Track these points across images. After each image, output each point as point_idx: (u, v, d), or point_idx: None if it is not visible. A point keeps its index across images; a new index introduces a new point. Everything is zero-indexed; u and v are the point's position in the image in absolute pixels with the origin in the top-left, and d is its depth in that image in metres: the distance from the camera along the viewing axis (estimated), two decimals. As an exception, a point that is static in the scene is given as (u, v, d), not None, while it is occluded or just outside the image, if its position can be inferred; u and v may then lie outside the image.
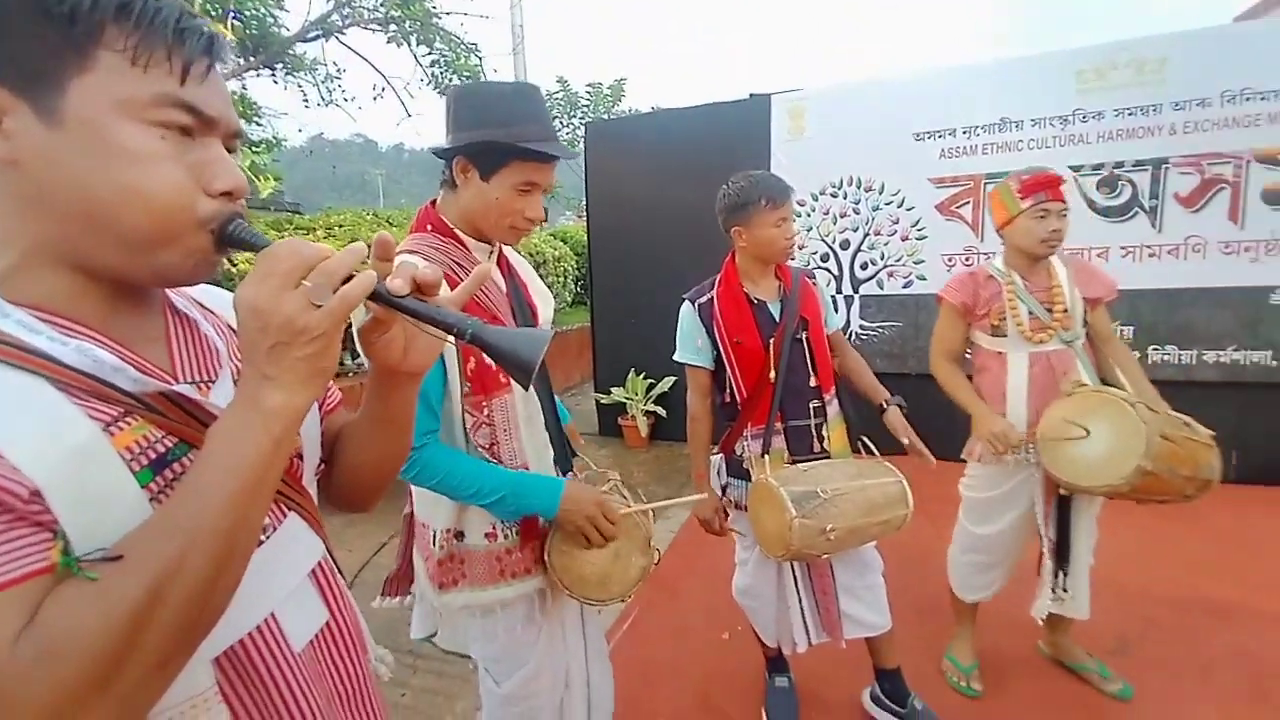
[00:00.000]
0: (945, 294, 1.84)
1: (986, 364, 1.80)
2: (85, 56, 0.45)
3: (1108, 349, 1.77)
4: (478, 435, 1.07)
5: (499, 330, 0.50)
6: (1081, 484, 1.57)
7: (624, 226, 4.59)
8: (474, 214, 1.09)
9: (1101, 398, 1.55)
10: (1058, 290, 1.70)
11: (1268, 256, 3.12)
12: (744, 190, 1.56)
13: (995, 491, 1.80)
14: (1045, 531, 1.75)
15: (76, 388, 0.46)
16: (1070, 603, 1.77)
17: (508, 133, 1.02)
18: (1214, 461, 1.51)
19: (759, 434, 1.61)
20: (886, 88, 3.78)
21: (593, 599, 1.14)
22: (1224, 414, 3.30)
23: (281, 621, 0.57)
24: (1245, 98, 3.08)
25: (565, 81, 9.14)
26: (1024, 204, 1.66)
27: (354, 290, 0.46)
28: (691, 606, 2.39)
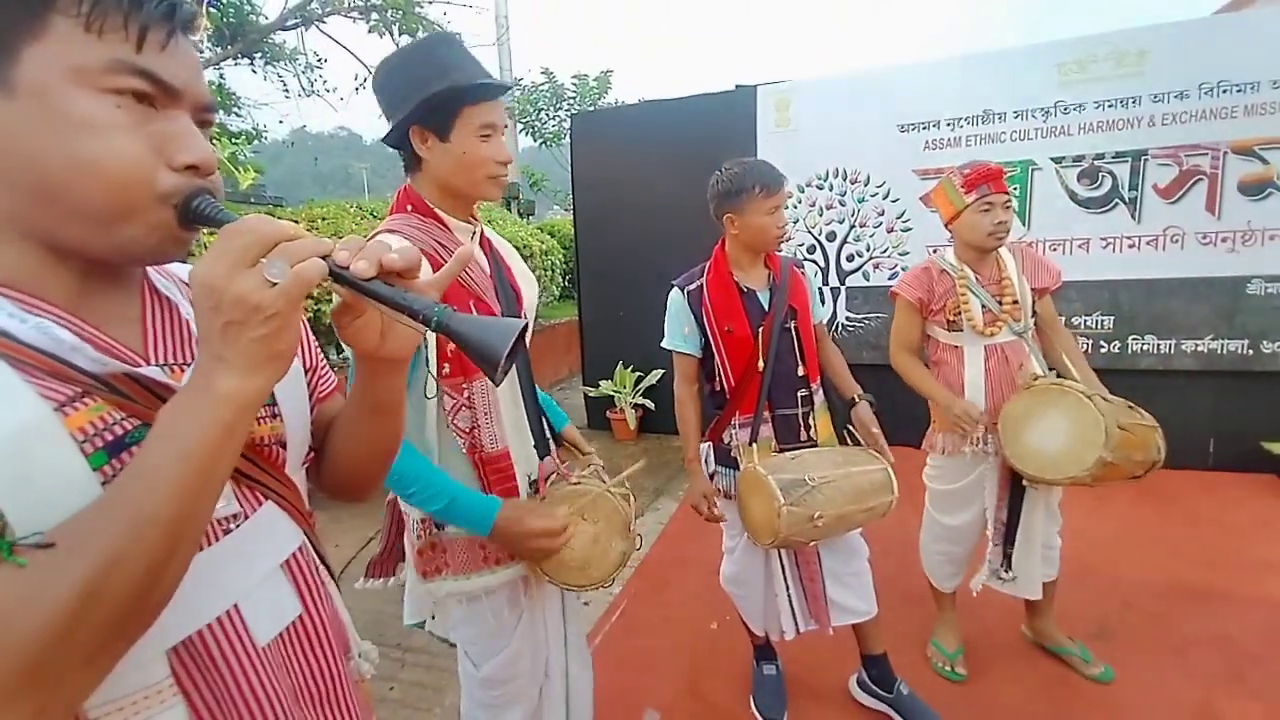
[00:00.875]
0: (900, 290, 1.85)
1: (943, 358, 1.82)
2: (38, 21, 0.43)
3: (1054, 336, 1.81)
4: (457, 419, 1.05)
5: (468, 319, 0.47)
6: (1046, 476, 1.60)
7: (611, 219, 4.57)
8: (447, 179, 1.06)
9: (1060, 390, 1.58)
10: (1007, 282, 1.73)
11: (1244, 247, 3.17)
12: (738, 177, 1.55)
13: (958, 484, 1.83)
14: (995, 514, 1.79)
15: (32, 365, 0.44)
16: (1015, 584, 1.81)
17: (450, 80, 1.00)
18: (1159, 442, 1.57)
19: (747, 422, 1.61)
20: (871, 80, 3.78)
21: (573, 584, 1.13)
22: (1201, 402, 3.39)
23: (245, 614, 0.54)
24: (1223, 90, 3.12)
25: (551, 73, 9.06)
26: (968, 198, 1.68)
27: (310, 270, 0.43)
28: (680, 596, 2.39)
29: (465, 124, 1.03)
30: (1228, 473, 3.28)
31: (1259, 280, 3.16)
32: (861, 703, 1.77)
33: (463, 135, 1.03)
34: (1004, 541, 1.81)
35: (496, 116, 1.05)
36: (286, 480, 0.62)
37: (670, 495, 3.51)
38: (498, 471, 1.10)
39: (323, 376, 0.72)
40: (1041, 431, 1.60)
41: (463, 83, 1.00)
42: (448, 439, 1.06)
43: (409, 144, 1.06)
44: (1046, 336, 1.82)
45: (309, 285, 0.44)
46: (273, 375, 0.46)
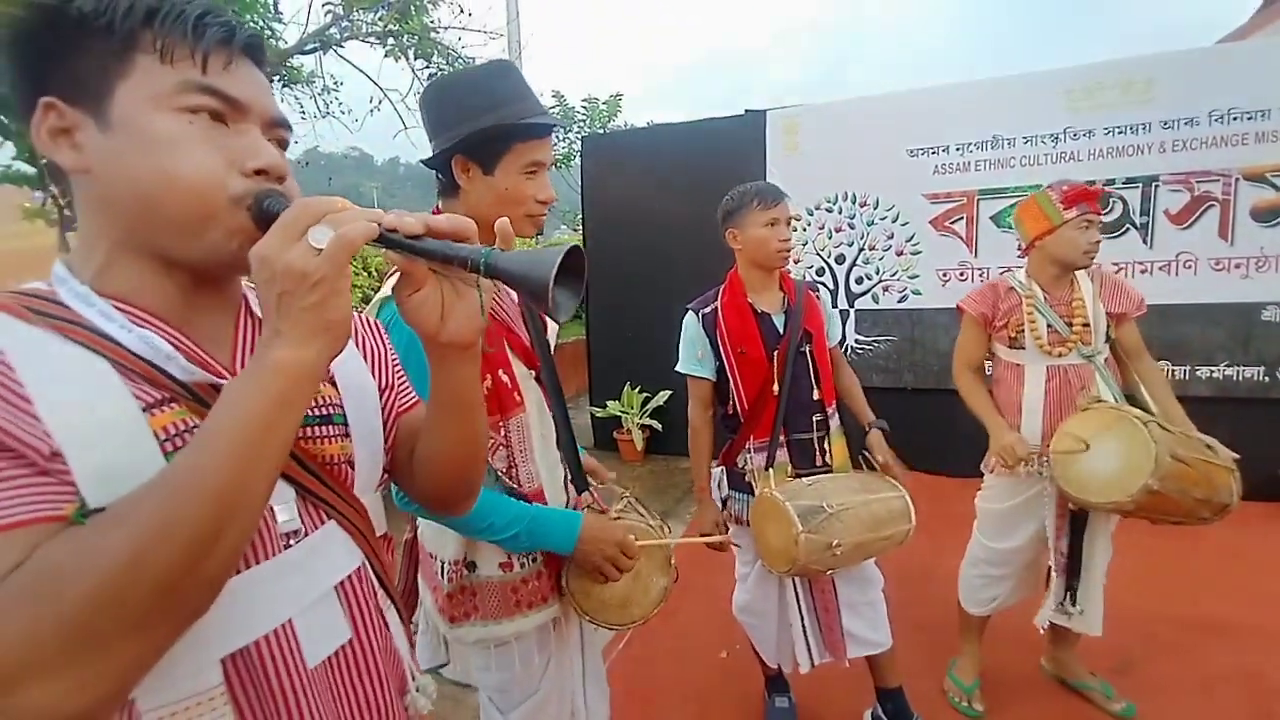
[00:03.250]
0: (965, 305, 1.84)
1: (1003, 375, 1.80)
2: (125, 63, 0.49)
3: (1136, 365, 1.75)
4: (494, 459, 1.03)
5: (514, 255, 0.48)
6: (1089, 499, 1.56)
7: (620, 240, 4.60)
8: (485, 212, 1.02)
9: (1116, 414, 1.54)
10: (1078, 304, 1.69)
11: (1257, 273, 3.15)
12: (738, 195, 1.61)
13: (1010, 503, 1.78)
14: (1055, 544, 1.73)
15: (131, 370, 0.49)
16: (1081, 618, 1.75)
17: (500, 115, 0.97)
18: (1232, 485, 1.51)
19: (762, 447, 1.60)
20: (880, 104, 3.82)
21: (615, 624, 1.11)
22: (1218, 430, 3.28)
23: (299, 632, 0.55)
24: (1233, 117, 3.13)
25: (562, 96, 9.19)
26: (1068, 214, 1.65)
27: (353, 232, 0.45)
28: (690, 625, 2.35)
29: (512, 160, 1.00)
30: (1248, 502, 3.20)
31: (1273, 307, 3.14)
32: (877, 738, 1.72)
33: (508, 171, 1.01)
34: (1067, 573, 1.75)
35: (544, 154, 1.03)
36: (354, 500, 0.62)
37: (678, 519, 3.47)
38: None
39: (403, 392, 0.72)
40: (1094, 454, 1.55)
41: (514, 120, 0.98)
42: (487, 480, 1.05)
43: (449, 170, 1.04)
44: (1128, 365, 1.76)
45: (351, 248, 0.45)
46: (328, 347, 0.47)
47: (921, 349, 3.80)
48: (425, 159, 1.07)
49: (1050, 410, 1.69)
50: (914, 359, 3.83)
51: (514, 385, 1.03)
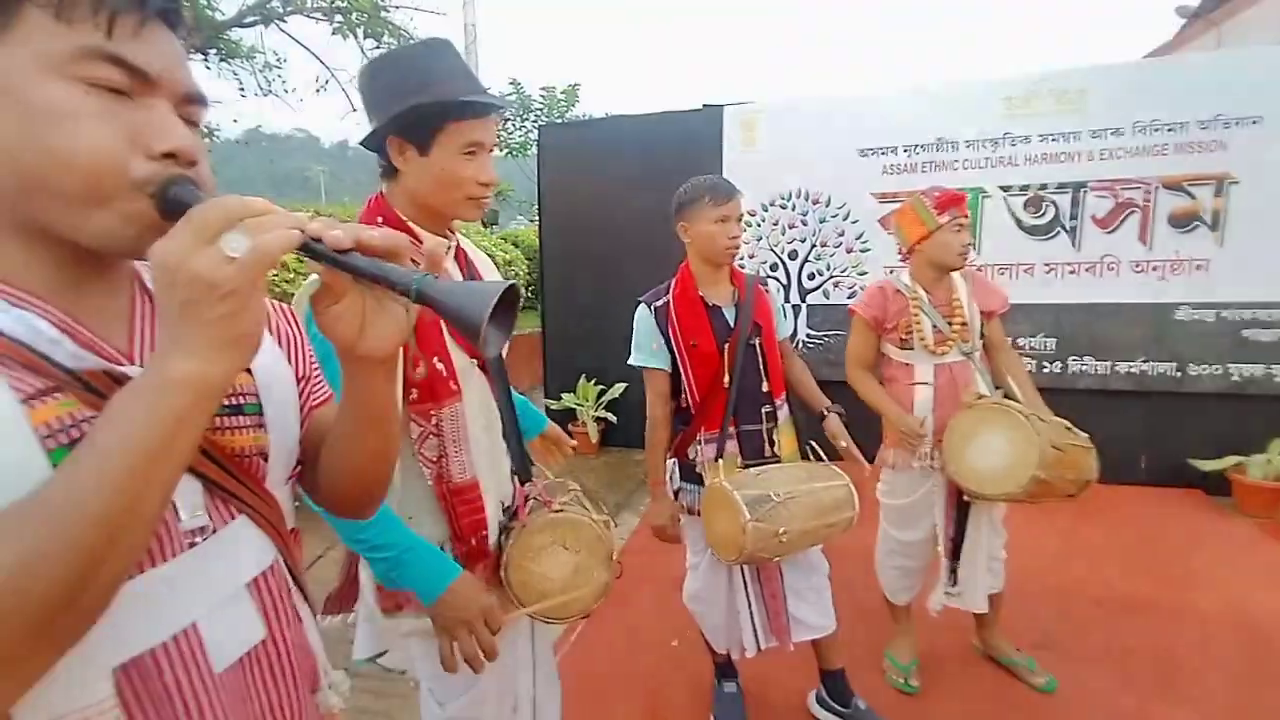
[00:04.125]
0: (857, 308, 1.92)
1: (895, 375, 1.89)
2: (9, 14, 0.43)
3: (1001, 358, 1.89)
4: (424, 448, 1.01)
5: (449, 285, 0.45)
6: (985, 492, 1.67)
7: (576, 231, 4.56)
8: (424, 195, 1.01)
9: (1000, 410, 1.65)
10: (958, 304, 1.80)
11: (1172, 275, 3.39)
12: (692, 188, 1.62)
13: (909, 498, 1.89)
14: (944, 531, 1.85)
15: (8, 356, 0.43)
16: (963, 597, 1.88)
17: (434, 93, 0.94)
18: (1093, 463, 1.65)
19: (712, 439, 1.62)
20: (834, 105, 3.91)
21: (553, 617, 1.10)
22: (1134, 420, 3.58)
23: (205, 635, 0.51)
24: (1154, 129, 3.34)
25: (519, 84, 9.01)
26: (942, 219, 1.75)
27: (272, 243, 0.41)
28: (640, 615, 2.37)
29: (448, 140, 0.97)
30: (1158, 487, 3.47)
31: (1186, 307, 3.38)
32: (819, 718, 1.79)
33: (444, 152, 0.98)
34: (951, 557, 1.87)
35: (484, 135, 1.00)
36: (266, 495, 0.59)
37: (631, 510, 3.49)
38: (465, 503, 1.05)
39: (317, 384, 0.69)
40: (981, 449, 1.66)
41: (447, 97, 0.95)
42: (412, 469, 1.02)
43: (387, 152, 1.01)
44: (995, 358, 1.90)
45: (269, 259, 0.41)
46: (235, 361, 0.43)
47: (869, 343, 3.93)
48: (362, 140, 1.04)
49: (939, 406, 1.79)
50: (862, 353, 3.95)
51: (450, 373, 1.01)
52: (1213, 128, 3.25)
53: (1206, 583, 2.54)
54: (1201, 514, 3.23)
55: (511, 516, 1.11)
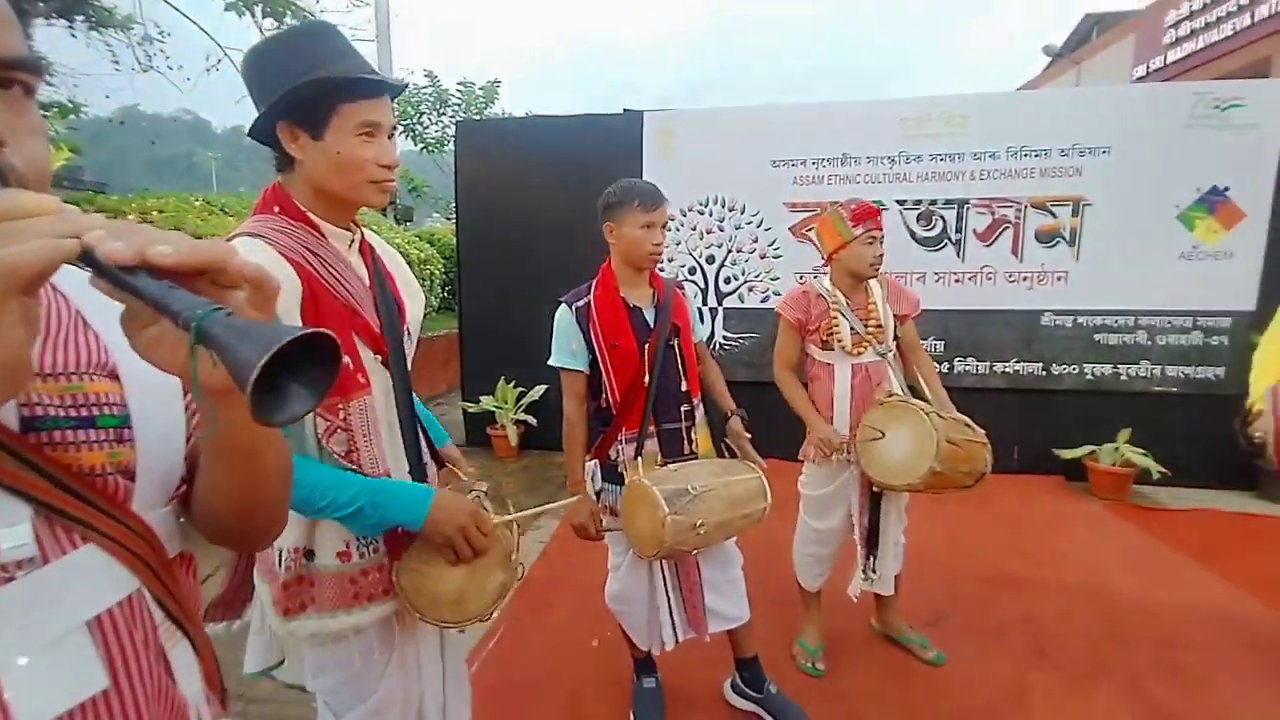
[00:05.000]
0: (782, 310, 2.03)
1: (818, 374, 2.01)
2: None
3: (914, 358, 2.06)
4: (332, 442, 0.97)
5: (238, 324, 0.37)
6: (890, 482, 1.81)
7: (494, 230, 4.48)
8: (323, 181, 0.97)
9: (905, 407, 1.80)
10: (873, 308, 1.95)
11: (1039, 285, 3.80)
12: (622, 190, 1.63)
13: (826, 489, 2.01)
14: (859, 521, 1.99)
15: None
16: (878, 582, 2.03)
17: (320, 74, 0.92)
18: (987, 457, 1.81)
19: (633, 438, 1.65)
20: (748, 116, 4.08)
21: (448, 621, 1.07)
22: (1009, 416, 3.97)
23: (8, 688, 0.42)
24: (1025, 154, 3.74)
25: (434, 76, 8.69)
26: (856, 230, 1.88)
27: (27, 258, 0.34)
28: (562, 616, 2.36)
29: (341, 122, 0.94)
30: (1028, 475, 3.87)
31: (1050, 313, 3.80)
32: (735, 705, 1.86)
33: (339, 135, 0.95)
34: (867, 545, 2.01)
35: (380, 115, 0.98)
36: (128, 517, 0.51)
37: (552, 514, 3.46)
38: None
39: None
40: (890, 443, 1.80)
41: (335, 75, 0.93)
42: (326, 463, 0.98)
43: (279, 142, 0.96)
44: (909, 358, 2.05)
45: (20, 278, 0.34)
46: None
47: (781, 346, 4.12)
48: (250, 130, 0.99)
49: (855, 403, 1.93)
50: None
51: (358, 365, 0.98)
52: (1071, 155, 3.69)
53: (1068, 559, 2.86)
54: (1063, 498, 3.64)
55: None
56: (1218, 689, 1.96)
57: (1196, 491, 3.63)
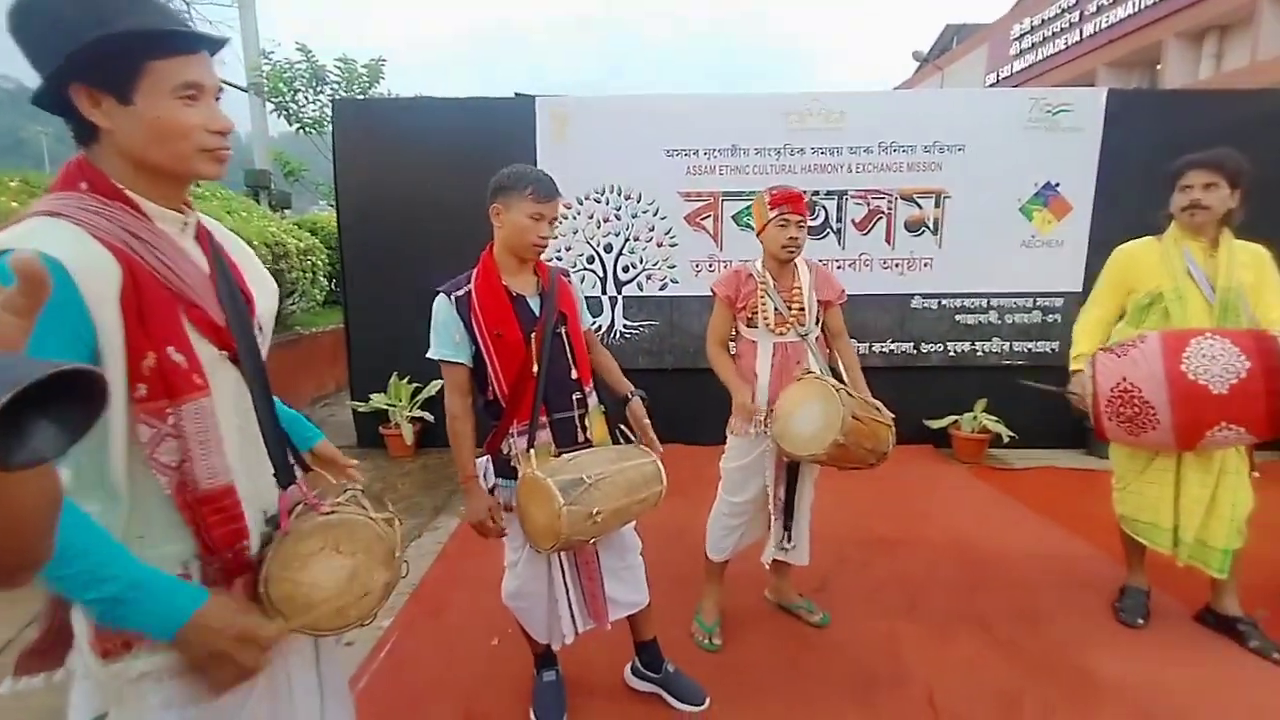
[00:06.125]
0: (716, 288, 2.10)
1: (744, 351, 2.10)
2: None
3: (836, 343, 2.16)
4: (159, 452, 0.84)
5: None
6: (797, 453, 1.90)
7: (380, 218, 4.21)
8: (142, 154, 0.84)
9: (819, 384, 1.89)
10: (797, 291, 2.03)
11: (909, 271, 4.14)
12: (516, 174, 1.57)
13: (744, 461, 2.09)
14: (774, 493, 2.08)
15: None
16: (794, 552, 2.14)
17: (117, 27, 0.78)
18: (890, 437, 1.95)
19: (524, 430, 1.61)
20: (642, 104, 4.09)
21: (325, 629, 1.00)
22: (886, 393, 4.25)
23: None
24: (895, 149, 4.04)
25: (308, 50, 7.92)
26: (771, 214, 1.95)
27: None
28: (460, 617, 2.29)
29: (154, 83, 0.81)
30: (904, 445, 4.20)
31: (919, 297, 4.15)
32: (635, 689, 1.89)
33: (153, 97, 0.82)
34: (785, 516, 2.10)
35: (200, 74, 0.85)
36: None
37: (450, 512, 3.34)
38: (218, 511, 0.90)
39: None
40: (801, 416, 1.89)
41: (136, 28, 0.79)
42: (144, 481, 0.84)
43: (74, 111, 0.82)
44: (832, 343, 2.15)
45: None
46: None
47: (680, 333, 4.21)
48: (34, 98, 0.83)
49: (775, 379, 2.02)
50: (673, 342, 4.22)
51: (193, 365, 0.86)
52: (933, 151, 4.03)
53: (934, 519, 3.16)
54: (932, 464, 4.01)
55: (274, 526, 0.99)
56: (1056, 623, 2.25)
57: (1040, 452, 4.13)
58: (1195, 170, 2.01)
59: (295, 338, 5.74)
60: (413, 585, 2.52)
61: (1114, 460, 2.27)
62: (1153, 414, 1.88)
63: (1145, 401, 1.89)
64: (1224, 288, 1.97)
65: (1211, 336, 1.84)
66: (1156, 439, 1.94)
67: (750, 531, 2.18)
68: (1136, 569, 2.33)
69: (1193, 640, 2.14)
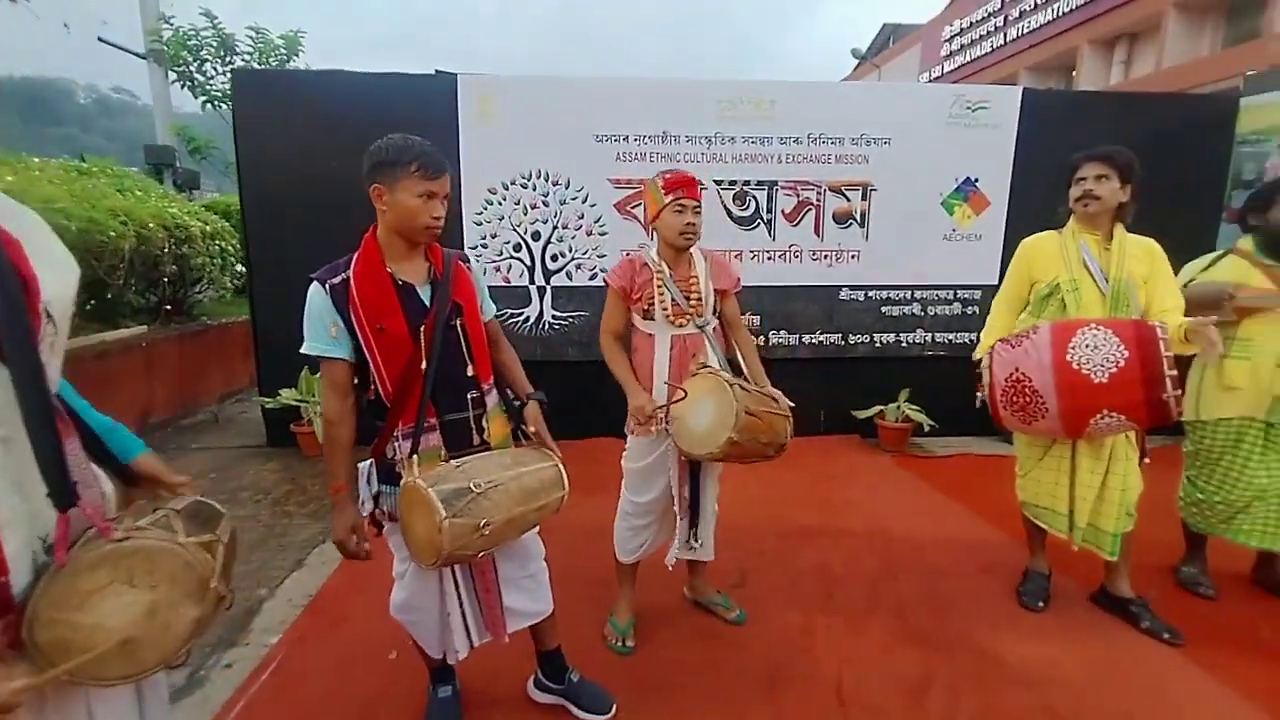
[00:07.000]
0: (609, 278, 1.99)
1: (640, 344, 2.00)
2: None
3: (734, 334, 2.10)
4: None
5: None
6: (695, 452, 1.84)
7: (288, 202, 3.91)
8: None
9: (714, 379, 1.83)
10: (694, 281, 1.95)
11: (837, 263, 4.18)
12: (396, 150, 1.41)
13: (646, 461, 2.01)
14: (679, 492, 2.01)
15: None
16: (701, 550, 2.09)
17: None
18: (788, 429, 1.90)
19: (410, 432, 1.48)
20: (569, 87, 3.95)
21: (112, 678, 0.85)
22: (815, 382, 4.35)
23: None
24: (824, 140, 4.05)
25: (214, 17, 7.28)
26: (666, 199, 1.86)
27: None
28: (358, 630, 2.13)
29: None
30: (832, 435, 4.30)
31: (846, 289, 4.20)
32: (538, 701, 1.80)
33: None
34: (691, 514, 2.03)
35: None
36: None
37: (365, 514, 3.14)
38: None
39: None
40: (697, 412, 1.82)
41: None
42: None
43: None
44: (729, 334, 2.07)
45: None
46: None
47: (611, 324, 4.11)
48: None
49: (673, 374, 1.94)
50: (605, 333, 4.12)
51: None
52: (860, 144, 4.06)
53: (857, 508, 3.21)
54: (858, 453, 4.09)
55: (53, 554, 0.84)
56: (961, 609, 2.30)
57: (960, 439, 4.27)
58: (1089, 163, 2.07)
59: (201, 329, 5.31)
60: (309, 595, 2.34)
61: (1016, 448, 2.33)
62: (1042, 403, 1.92)
63: (1035, 391, 1.93)
64: (1116, 279, 2.04)
65: (1096, 327, 1.90)
66: (1047, 427, 1.99)
67: (660, 532, 2.11)
68: (1038, 553, 2.41)
69: (1089, 622, 2.23)
